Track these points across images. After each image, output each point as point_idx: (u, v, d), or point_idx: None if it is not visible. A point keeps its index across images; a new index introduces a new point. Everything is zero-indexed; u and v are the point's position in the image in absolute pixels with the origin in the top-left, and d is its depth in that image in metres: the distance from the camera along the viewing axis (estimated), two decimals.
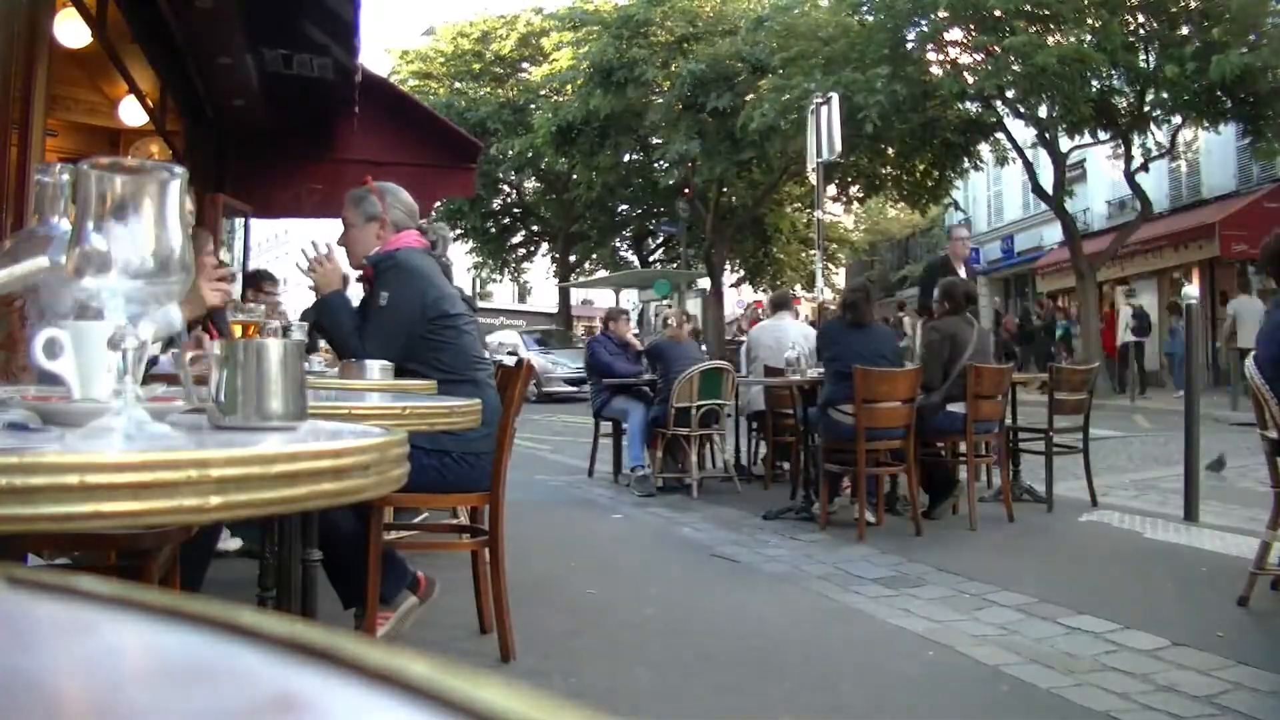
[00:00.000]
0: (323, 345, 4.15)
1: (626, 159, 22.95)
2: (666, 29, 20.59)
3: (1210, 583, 3.66)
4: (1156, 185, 17.66)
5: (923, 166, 19.42)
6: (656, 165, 22.35)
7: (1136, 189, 16.04)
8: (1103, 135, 16.59)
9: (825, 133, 10.14)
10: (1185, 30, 14.60)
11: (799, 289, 24.50)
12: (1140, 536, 4.63)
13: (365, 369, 2.33)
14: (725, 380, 6.21)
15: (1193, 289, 5.66)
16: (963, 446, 5.13)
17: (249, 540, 3.53)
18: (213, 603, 0.33)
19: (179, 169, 0.87)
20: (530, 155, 22.40)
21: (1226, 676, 2.60)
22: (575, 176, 23.37)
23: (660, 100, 20.02)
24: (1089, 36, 14.48)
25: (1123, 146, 16.19)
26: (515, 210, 28.00)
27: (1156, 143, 16.16)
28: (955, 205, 23.41)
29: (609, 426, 6.64)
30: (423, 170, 7.14)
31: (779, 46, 16.95)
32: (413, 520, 3.94)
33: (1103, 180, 20.78)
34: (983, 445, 5.26)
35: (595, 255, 28.96)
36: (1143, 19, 15.07)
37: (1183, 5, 14.68)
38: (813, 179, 11.32)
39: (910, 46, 16.23)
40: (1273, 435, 3.26)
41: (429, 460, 2.59)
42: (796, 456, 5.75)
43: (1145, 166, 16.23)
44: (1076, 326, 18.02)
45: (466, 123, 18.82)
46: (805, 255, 24.09)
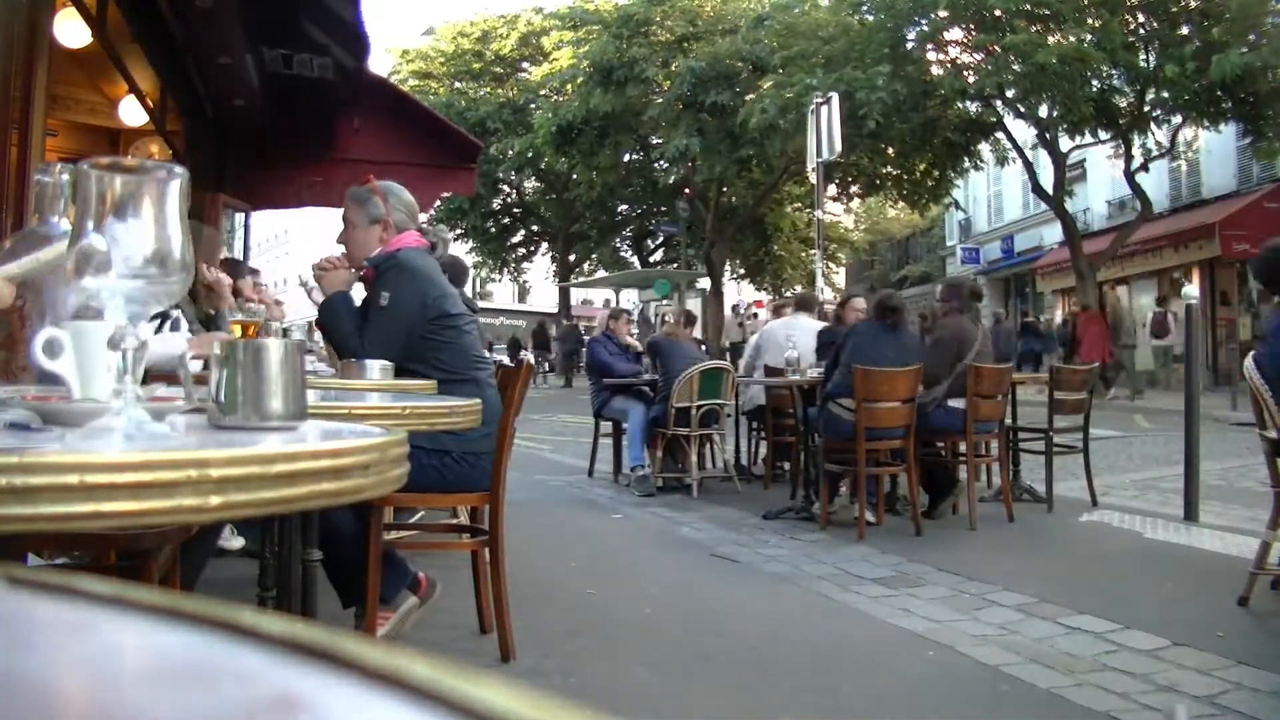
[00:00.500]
0: (319, 344, 4.15)
1: (626, 158, 22.96)
2: (667, 28, 20.61)
3: (1210, 583, 3.66)
4: (1156, 185, 17.66)
5: (923, 166, 19.43)
6: (656, 165, 22.36)
7: (1136, 189, 16.04)
8: (1103, 135, 16.59)
9: (825, 132, 10.16)
10: (1185, 30, 14.61)
11: (798, 289, 24.50)
12: (1140, 536, 4.63)
13: (365, 369, 2.33)
14: (725, 380, 6.21)
15: (1193, 289, 5.65)
16: (963, 446, 5.13)
17: (251, 539, 3.53)
18: (213, 603, 0.33)
19: (179, 169, 0.87)
20: (530, 155, 22.41)
21: (1226, 676, 2.60)
22: (575, 176, 23.38)
23: (660, 99, 20.02)
24: (1089, 36, 14.49)
25: (1123, 146, 16.19)
26: (515, 210, 28.01)
27: (1156, 143, 16.16)
28: (955, 205, 23.41)
29: (609, 426, 6.64)
30: (423, 170, 7.14)
31: (779, 45, 16.97)
32: (410, 520, 3.94)
33: (1103, 180, 20.78)
34: (983, 445, 5.26)
35: (595, 255, 28.97)
36: (1143, 19, 15.07)
37: (1183, 5, 14.68)
38: (813, 178, 11.34)
39: (910, 46, 16.24)
40: (1272, 435, 3.25)
41: (429, 460, 2.59)
42: (796, 456, 5.75)
43: (1145, 166, 16.23)
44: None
45: (466, 122, 18.82)
46: (805, 255, 24.10)
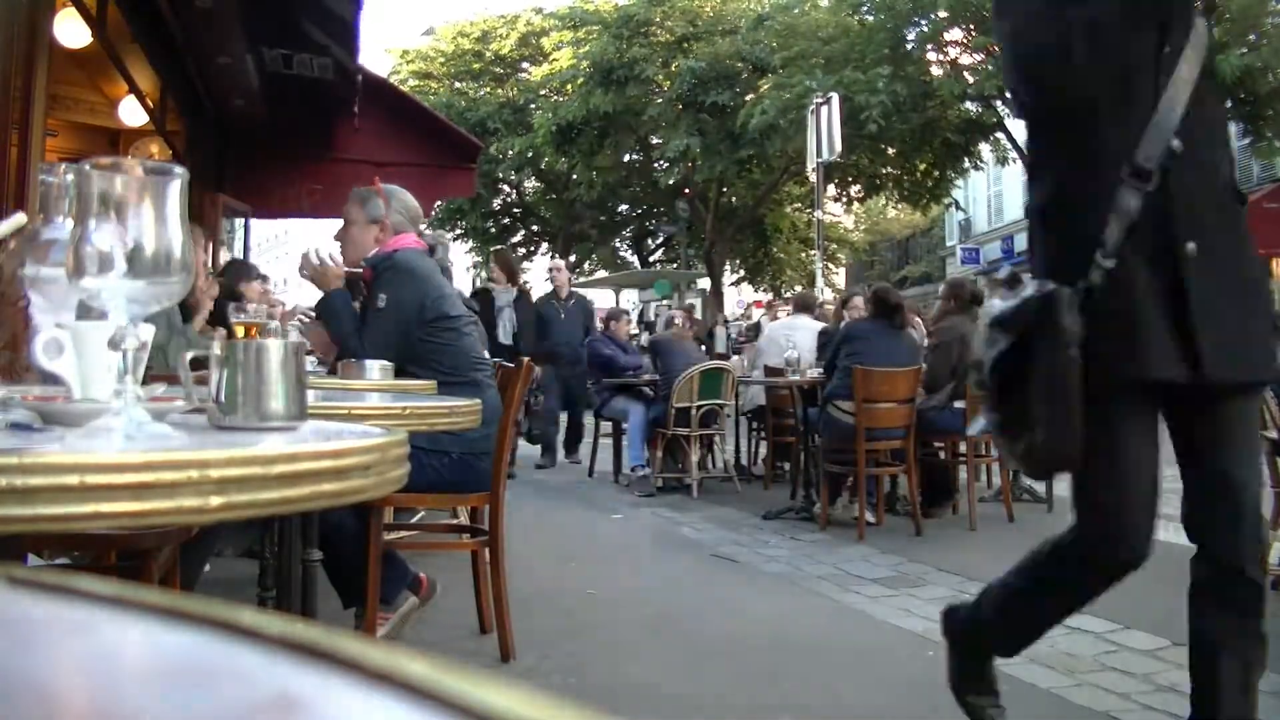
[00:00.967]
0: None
1: (626, 158, 22.94)
2: (666, 28, 20.59)
3: None
4: None
5: (923, 166, 19.42)
6: (656, 165, 22.35)
7: None
8: None
9: (825, 132, 10.16)
10: None
11: (798, 289, 24.50)
12: None
13: (365, 369, 2.33)
14: (725, 380, 6.21)
15: None
16: (963, 446, 5.13)
17: (249, 541, 3.52)
18: (213, 603, 0.33)
19: (179, 169, 0.87)
20: (530, 155, 22.39)
21: None
22: (575, 176, 23.36)
23: (660, 99, 20.02)
24: None
25: None
26: (515, 210, 27.99)
27: None
28: (955, 205, 23.40)
29: (609, 426, 6.64)
30: (423, 170, 7.14)
31: (779, 46, 16.96)
32: (410, 520, 3.94)
33: None
34: (983, 445, 5.25)
35: (595, 255, 28.95)
36: None
37: None
38: (813, 179, 11.34)
39: (910, 46, 16.24)
40: (1272, 435, 3.26)
41: (429, 460, 2.59)
42: (796, 456, 5.75)
43: None
44: None
45: (466, 123, 18.81)
46: (805, 255, 24.08)
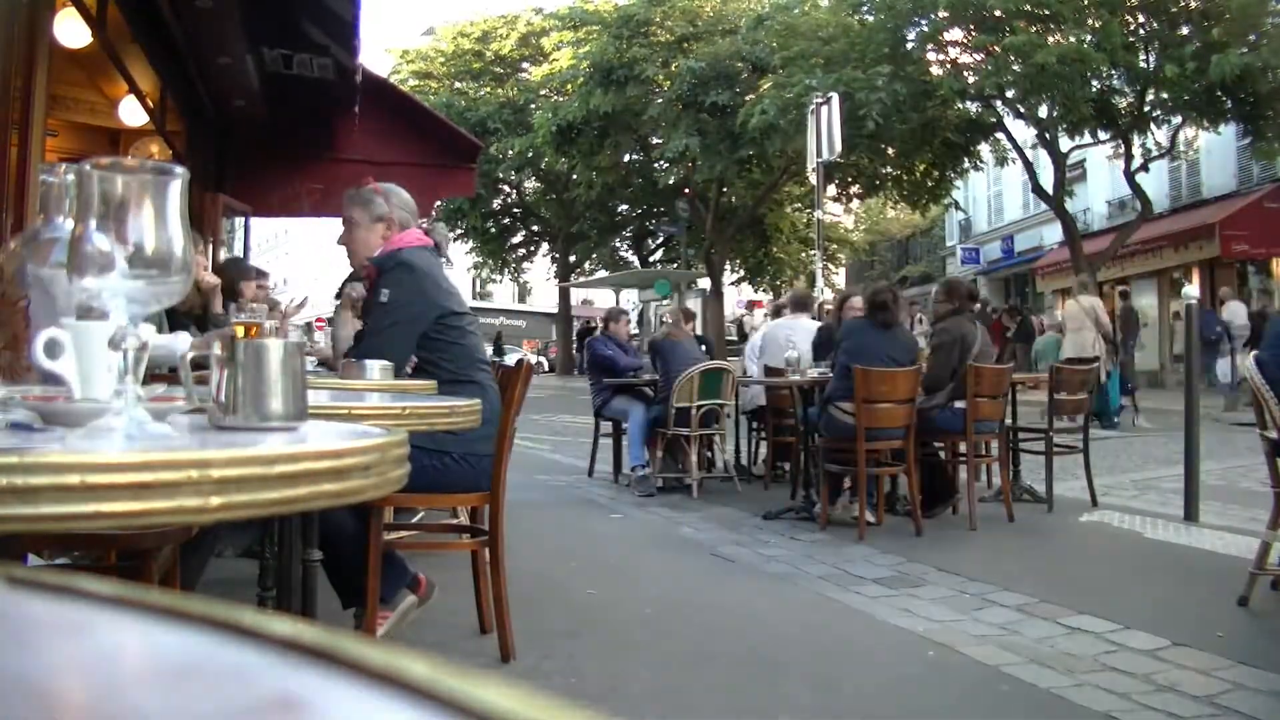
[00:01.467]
0: (318, 344, 4.15)
1: (626, 159, 22.95)
2: (666, 28, 20.60)
3: (1210, 583, 3.66)
4: (1156, 185, 17.65)
5: (923, 166, 19.42)
6: (656, 165, 22.36)
7: (1136, 189, 16.03)
8: (1103, 135, 16.59)
9: (825, 132, 10.15)
10: (1185, 30, 14.61)
11: (796, 286, 24.50)
12: (1140, 536, 4.63)
13: (365, 369, 2.32)
14: (725, 380, 6.20)
15: (1193, 289, 5.65)
16: (962, 446, 5.12)
17: (249, 541, 3.52)
18: (213, 603, 0.33)
19: (179, 169, 0.87)
20: (530, 155, 22.41)
21: (1226, 676, 2.60)
22: (575, 176, 23.38)
23: (660, 99, 20.02)
24: (1089, 36, 14.49)
25: (1123, 146, 16.19)
26: (515, 210, 28.00)
27: (1156, 143, 16.15)
28: (955, 205, 23.40)
29: (609, 426, 6.64)
30: (423, 170, 7.14)
31: (779, 46, 16.97)
32: (410, 520, 3.94)
33: (1103, 180, 20.77)
34: (983, 445, 5.25)
35: (595, 255, 28.96)
36: (1143, 19, 15.07)
37: (1183, 5, 14.68)
38: (813, 179, 11.33)
39: (910, 46, 16.24)
40: (1273, 435, 3.25)
41: (429, 460, 2.58)
42: (796, 456, 5.74)
43: (1145, 166, 16.22)
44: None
45: (466, 122, 18.82)
46: (805, 255, 24.08)
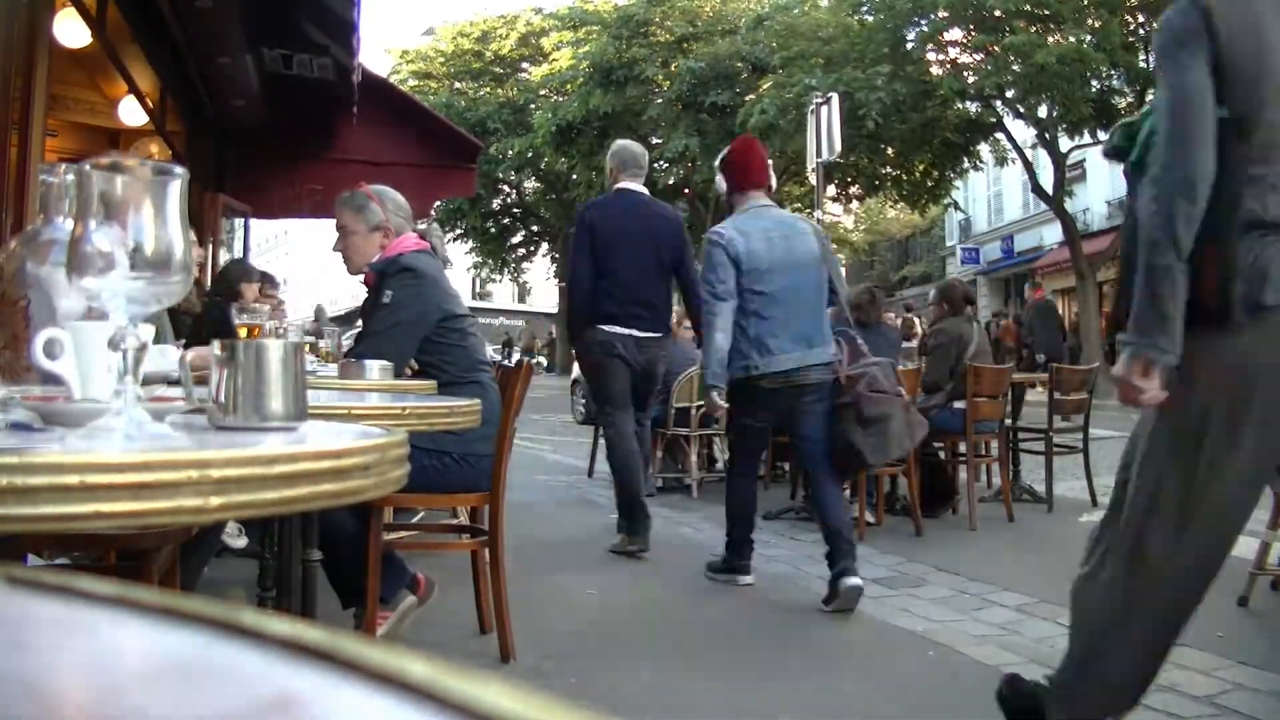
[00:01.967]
0: (322, 345, 4.15)
1: None
2: (666, 29, 20.61)
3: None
4: None
5: (923, 166, 19.43)
6: (656, 165, 22.33)
7: None
8: (1102, 135, 16.58)
9: (825, 132, 10.15)
10: None
11: None
12: None
13: (365, 369, 2.32)
14: None
15: None
16: (962, 446, 5.12)
17: (255, 539, 3.52)
18: (213, 603, 0.33)
19: (179, 169, 0.87)
20: (530, 155, 22.42)
21: (1226, 676, 2.60)
22: (575, 176, 23.37)
23: (660, 99, 20.03)
24: (1089, 36, 14.49)
25: None
26: (515, 210, 28.00)
27: None
28: (955, 205, 23.40)
29: None
30: (423, 170, 7.15)
31: (779, 46, 16.98)
32: (411, 520, 3.94)
33: (1103, 180, 20.78)
34: (983, 445, 5.25)
35: None
36: (1143, 19, 15.08)
37: None
38: (812, 179, 11.33)
39: (910, 46, 16.24)
40: None
41: (429, 460, 2.58)
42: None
43: None
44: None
45: (466, 123, 18.83)
46: None
